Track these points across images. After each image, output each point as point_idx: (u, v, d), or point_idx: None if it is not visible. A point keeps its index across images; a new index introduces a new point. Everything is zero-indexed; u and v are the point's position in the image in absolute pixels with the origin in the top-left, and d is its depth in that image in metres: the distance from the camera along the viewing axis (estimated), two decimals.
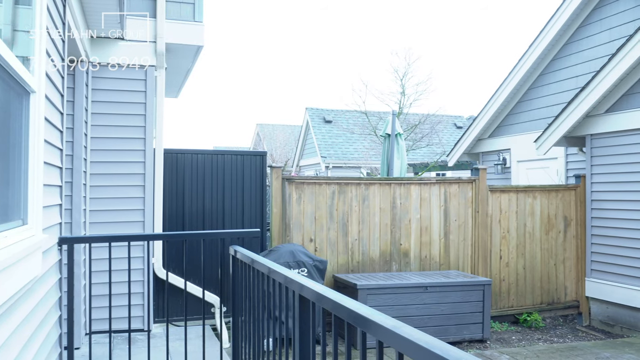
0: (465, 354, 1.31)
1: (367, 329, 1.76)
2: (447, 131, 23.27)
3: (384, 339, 1.64)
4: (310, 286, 2.32)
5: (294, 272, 2.71)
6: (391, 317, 1.70)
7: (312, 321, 2.40)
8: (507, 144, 10.55)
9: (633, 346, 6.32)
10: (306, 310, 2.44)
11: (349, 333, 2.00)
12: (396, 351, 1.57)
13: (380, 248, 7.18)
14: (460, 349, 5.86)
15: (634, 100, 7.26)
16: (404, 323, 1.61)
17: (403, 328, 1.55)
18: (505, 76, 10.34)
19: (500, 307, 7.71)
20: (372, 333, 1.72)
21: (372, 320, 1.70)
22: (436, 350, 1.34)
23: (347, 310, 1.91)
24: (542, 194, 7.99)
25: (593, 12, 8.83)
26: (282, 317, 2.79)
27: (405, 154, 9.38)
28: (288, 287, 2.65)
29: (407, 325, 1.59)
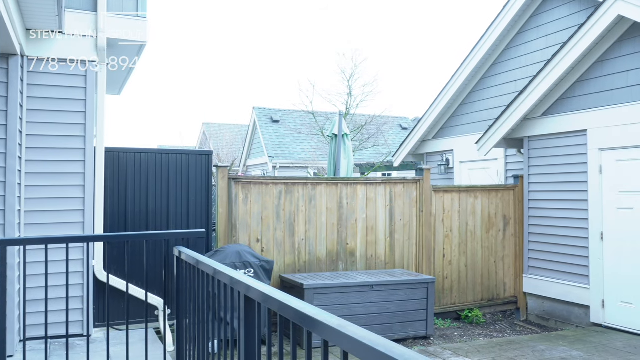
0: (408, 350, 1.33)
1: (313, 328, 1.77)
2: (393, 132, 23.66)
3: (329, 338, 1.65)
4: (256, 287, 2.30)
5: (240, 273, 2.69)
6: (336, 317, 1.71)
7: (258, 322, 2.39)
8: (450, 145, 10.83)
9: (566, 339, 6.62)
10: (252, 311, 2.42)
11: (294, 333, 2.00)
12: (341, 350, 1.59)
13: (327, 248, 7.22)
14: (405, 346, 5.97)
15: (568, 104, 7.61)
16: (349, 322, 1.63)
17: (348, 327, 1.57)
18: (449, 79, 10.61)
19: (444, 304, 7.91)
20: (318, 332, 1.73)
21: (317, 319, 1.71)
22: (380, 348, 1.36)
23: (292, 310, 1.91)
24: (483, 193, 8.25)
25: (531, 19, 9.19)
26: (228, 319, 2.76)
27: (352, 154, 9.48)
28: (234, 288, 2.62)
29: (352, 324, 1.60)
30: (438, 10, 72.27)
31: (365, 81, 20.29)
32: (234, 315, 2.69)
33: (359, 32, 63.91)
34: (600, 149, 7.17)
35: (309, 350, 1.85)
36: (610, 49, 7.06)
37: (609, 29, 6.94)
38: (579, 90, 7.47)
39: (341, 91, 20.98)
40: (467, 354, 5.95)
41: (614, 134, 6.98)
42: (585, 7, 8.18)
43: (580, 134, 7.43)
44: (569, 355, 5.91)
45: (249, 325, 2.43)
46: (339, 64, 29.74)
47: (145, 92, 62.58)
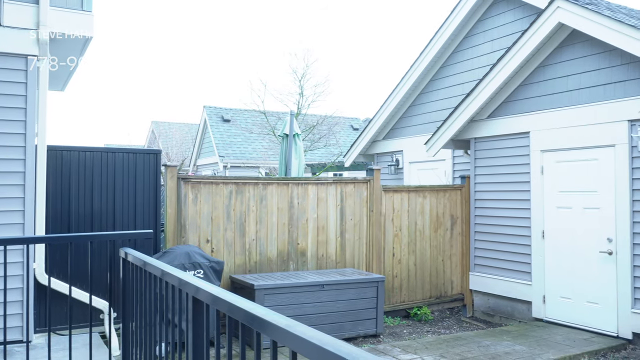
0: (356, 349, 1.35)
1: (262, 329, 1.76)
2: (344, 132, 23.84)
3: (278, 339, 1.65)
4: (205, 288, 2.27)
5: (190, 274, 2.65)
6: (285, 317, 1.71)
7: (206, 323, 2.36)
8: (400, 145, 11.01)
9: (510, 333, 6.85)
10: (200, 312, 2.39)
11: (243, 334, 1.99)
12: (290, 350, 1.59)
13: (277, 248, 7.20)
14: (355, 345, 6.00)
15: (512, 107, 7.87)
16: (299, 322, 1.63)
17: (296, 327, 1.57)
18: (399, 81, 10.78)
19: (393, 303, 8.03)
20: (267, 333, 1.72)
21: (266, 320, 1.70)
22: (328, 347, 1.37)
23: (241, 311, 1.90)
24: (432, 193, 8.43)
25: (477, 23, 9.46)
26: (177, 321, 2.71)
27: (303, 154, 9.50)
28: (182, 289, 2.58)
29: (300, 324, 1.60)
30: (389, 12, 73.32)
31: (316, 81, 20.36)
32: (182, 318, 2.64)
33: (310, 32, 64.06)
34: (542, 150, 7.45)
35: (258, 351, 1.84)
36: (552, 54, 7.35)
37: (550, 36, 7.22)
38: (522, 93, 7.74)
39: (293, 91, 20.97)
40: (416, 351, 6.06)
41: (555, 136, 7.27)
42: (529, 14, 8.48)
43: (524, 135, 7.70)
44: (512, 350, 6.11)
45: (197, 327, 2.39)
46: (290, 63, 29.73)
47: (92, 90, 60.64)
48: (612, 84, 6.65)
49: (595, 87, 6.82)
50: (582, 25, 6.72)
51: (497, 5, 9.10)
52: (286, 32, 62.00)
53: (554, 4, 7.01)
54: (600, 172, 6.78)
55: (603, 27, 6.48)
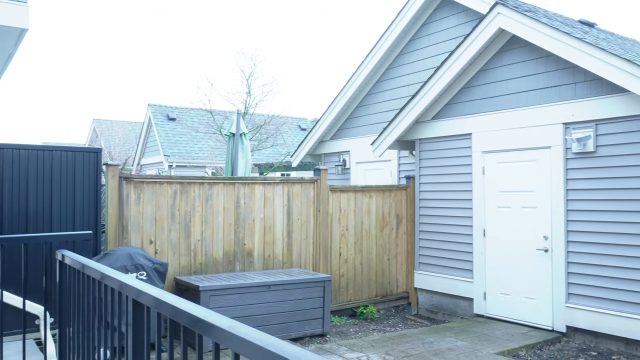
0: (299, 349, 1.34)
1: (204, 331, 1.72)
2: (291, 132, 23.83)
3: (221, 341, 1.62)
4: (146, 291, 2.21)
5: (132, 277, 2.57)
6: (228, 318, 1.68)
7: (147, 327, 2.29)
8: (347, 146, 11.10)
9: (452, 330, 7.02)
10: (140, 316, 2.32)
11: (185, 336, 1.94)
12: (232, 352, 1.56)
13: (223, 248, 7.10)
14: (302, 344, 5.97)
15: (455, 109, 8.08)
16: (246, 323, 1.61)
17: (239, 328, 1.54)
18: (346, 82, 10.87)
19: (340, 302, 8.09)
20: (209, 335, 1.69)
21: (208, 322, 1.67)
22: (271, 347, 1.35)
23: (183, 313, 1.85)
24: (378, 193, 8.54)
25: (422, 27, 9.65)
26: (117, 324, 2.62)
27: (250, 153, 9.41)
28: (122, 292, 2.50)
29: (243, 325, 1.58)
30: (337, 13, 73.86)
31: (264, 81, 20.27)
32: (123, 321, 2.56)
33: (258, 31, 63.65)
34: (483, 151, 7.68)
35: (200, 354, 1.80)
36: (493, 58, 7.59)
37: (491, 41, 7.46)
38: (465, 96, 7.95)
39: (240, 90, 20.79)
40: (362, 349, 6.12)
41: (495, 137, 7.51)
42: (471, 18, 8.73)
43: (466, 137, 7.92)
44: (455, 346, 6.27)
45: (138, 331, 2.32)
46: (238, 62, 29.42)
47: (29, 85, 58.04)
48: (548, 88, 6.93)
49: (533, 91, 7.09)
50: (521, 31, 6.97)
51: (442, 10, 9.32)
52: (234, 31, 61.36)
53: (494, 10, 7.24)
54: (537, 172, 7.05)
55: (540, 33, 6.74)
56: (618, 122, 6.26)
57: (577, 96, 6.63)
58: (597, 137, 6.43)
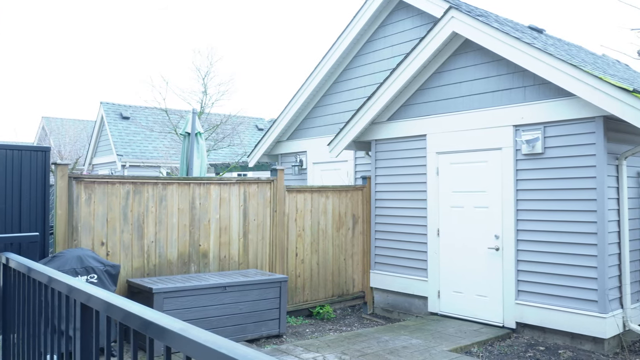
0: (252, 350, 1.33)
1: (155, 334, 1.69)
2: (248, 132, 23.66)
3: (172, 344, 1.59)
4: (96, 294, 2.15)
5: (82, 280, 2.49)
6: (180, 321, 1.65)
7: (96, 331, 2.23)
8: (304, 146, 11.10)
9: (407, 328, 7.13)
10: (89, 320, 2.25)
11: (136, 341, 1.90)
12: (184, 355, 1.53)
13: (178, 250, 6.99)
14: (258, 346, 5.91)
15: (411, 111, 8.20)
16: (201, 325, 1.59)
17: (191, 330, 1.52)
18: (303, 82, 10.87)
19: (296, 302, 8.08)
20: (160, 339, 1.65)
21: (159, 325, 1.63)
22: (222, 350, 1.34)
23: (134, 317, 1.81)
24: (334, 193, 8.58)
25: (379, 29, 9.76)
26: (66, 329, 2.54)
27: (206, 153, 9.30)
28: (70, 296, 2.42)
29: (195, 328, 1.55)
30: (293, 13, 73.79)
31: (221, 80, 20.08)
32: (71, 326, 2.48)
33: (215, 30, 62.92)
34: (437, 152, 7.83)
35: (151, 359, 1.76)
36: (447, 61, 7.74)
37: (446, 44, 7.61)
38: (420, 98, 8.08)
39: (196, 89, 20.52)
40: (318, 349, 6.13)
41: (449, 139, 7.67)
42: (426, 22, 8.88)
43: (421, 138, 8.05)
44: (410, 344, 6.36)
45: (86, 336, 2.25)
46: (194, 61, 29.03)
47: None
48: (499, 91, 7.13)
49: (485, 93, 7.28)
50: (473, 35, 7.14)
51: (397, 12, 9.44)
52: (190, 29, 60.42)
53: (448, 14, 7.39)
54: (489, 173, 7.24)
55: (492, 37, 6.93)
56: (564, 124, 6.49)
57: (526, 99, 6.84)
58: (545, 139, 6.65)
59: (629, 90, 5.84)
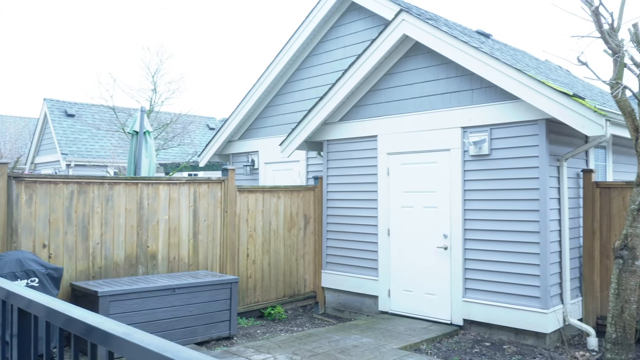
0: (196, 353, 1.29)
1: (97, 339, 1.62)
2: (199, 132, 23.30)
3: (115, 348, 1.53)
4: (36, 299, 2.05)
5: (22, 284, 2.38)
6: (123, 324, 1.59)
7: (35, 337, 2.13)
8: (256, 146, 11.03)
9: (358, 327, 7.18)
10: (27, 326, 2.15)
11: (77, 346, 1.82)
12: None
13: (125, 251, 6.80)
14: (208, 348, 5.82)
15: (362, 112, 8.27)
16: (146, 328, 1.54)
17: (135, 334, 1.47)
18: (255, 81, 10.80)
19: (248, 303, 8.01)
20: (102, 343, 1.59)
21: (101, 329, 1.57)
22: (167, 353, 1.30)
23: (76, 322, 1.74)
24: (286, 194, 8.55)
25: (331, 29, 9.80)
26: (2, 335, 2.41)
27: (155, 152, 9.09)
28: (7, 301, 2.31)
29: (139, 331, 1.51)
30: (246, 12, 73.23)
31: (171, 78, 19.70)
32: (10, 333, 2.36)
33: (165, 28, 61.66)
34: (388, 153, 7.93)
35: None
36: (397, 63, 7.85)
37: (396, 46, 7.72)
38: (371, 99, 8.16)
39: (145, 87, 20.04)
40: (269, 351, 6.09)
41: (400, 140, 7.78)
42: (378, 24, 8.98)
43: (372, 139, 8.13)
44: (360, 343, 6.41)
45: (24, 342, 2.15)
46: (143, 58, 28.36)
47: None
48: (448, 93, 7.28)
49: (435, 95, 7.42)
50: (423, 38, 7.27)
51: (350, 14, 9.51)
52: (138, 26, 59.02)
53: (399, 17, 7.49)
54: (438, 174, 7.38)
55: (441, 41, 7.07)
56: (510, 127, 6.70)
57: (474, 102, 7.02)
58: (492, 141, 6.84)
59: (569, 94, 6.08)
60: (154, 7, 61.16)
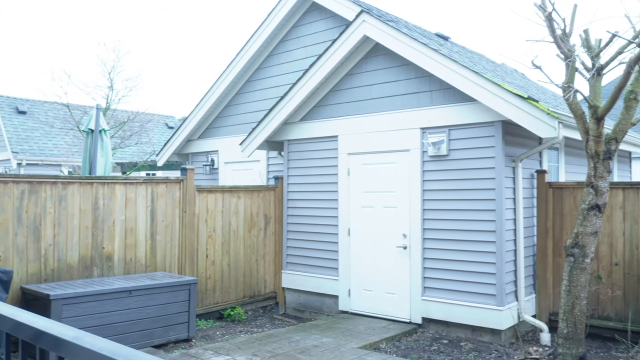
0: (150, 356, 1.26)
1: (47, 345, 1.56)
2: (158, 130, 22.89)
3: (65, 354, 1.48)
4: None
5: None
6: (74, 328, 1.54)
7: None
8: (215, 145, 10.90)
9: (319, 327, 7.18)
10: None
11: (25, 353, 1.75)
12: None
13: (80, 253, 6.60)
14: (166, 351, 5.70)
15: (323, 112, 8.28)
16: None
17: (85, 338, 1.42)
18: (215, 80, 10.67)
19: (207, 305, 7.90)
20: (52, 349, 1.53)
21: (50, 334, 1.51)
22: (119, 357, 1.26)
23: (24, 327, 1.67)
24: (246, 194, 8.48)
25: (292, 29, 9.77)
26: None
27: (111, 151, 8.87)
28: None
29: (91, 335, 1.46)
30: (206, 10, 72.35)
31: (128, 75, 19.27)
32: None
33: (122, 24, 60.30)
34: (348, 153, 7.96)
35: None
36: (358, 64, 7.89)
37: (357, 47, 7.76)
38: (332, 99, 8.18)
39: (102, 84, 19.55)
40: (228, 352, 6.03)
41: (360, 140, 7.82)
42: (339, 24, 9.01)
43: (333, 139, 8.15)
44: (320, 342, 6.41)
45: None
46: (99, 54, 27.67)
47: None
48: (408, 94, 7.37)
49: (395, 96, 7.49)
50: (384, 39, 7.33)
51: (311, 14, 9.50)
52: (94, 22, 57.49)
53: (360, 18, 7.54)
54: (398, 174, 7.46)
55: (401, 42, 7.14)
56: (467, 128, 6.83)
57: (433, 103, 7.12)
58: (450, 142, 6.96)
59: (524, 97, 6.24)
60: (102, 1, 59.72)
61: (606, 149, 5.40)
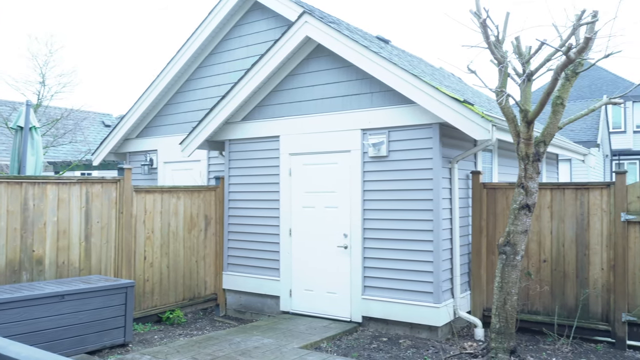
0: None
1: None
2: (94, 129, 22.10)
3: None
4: None
5: None
6: None
7: None
8: (154, 145, 10.64)
9: (259, 328, 7.15)
10: None
11: None
12: None
13: (7, 256, 6.28)
14: (100, 357, 5.53)
15: (265, 112, 8.25)
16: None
17: (11, 347, 1.36)
18: (155, 77, 10.41)
19: (145, 308, 7.70)
20: None
21: None
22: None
23: None
24: (186, 194, 8.33)
25: (234, 28, 9.67)
26: None
27: (42, 150, 8.49)
28: None
29: (16, 343, 1.39)
30: (144, 6, 70.48)
31: (62, 70, 18.49)
32: None
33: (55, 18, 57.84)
34: (290, 153, 7.96)
35: None
36: (300, 64, 7.91)
37: (299, 47, 7.77)
38: (274, 99, 8.16)
39: (33, 79, 18.63)
40: (167, 356, 5.90)
41: (302, 140, 7.84)
42: (281, 24, 8.99)
43: (274, 139, 8.13)
44: (262, 344, 6.38)
45: None
46: (30, 48, 26.43)
47: None
48: (349, 96, 7.45)
49: (336, 97, 7.56)
50: (325, 40, 7.38)
51: (253, 13, 9.44)
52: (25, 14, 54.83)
53: (302, 19, 7.56)
54: (339, 174, 7.53)
55: (342, 44, 7.22)
56: (406, 129, 6.98)
57: (373, 104, 7.24)
58: (390, 143, 7.09)
59: (460, 100, 6.45)
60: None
61: (535, 151, 5.66)
